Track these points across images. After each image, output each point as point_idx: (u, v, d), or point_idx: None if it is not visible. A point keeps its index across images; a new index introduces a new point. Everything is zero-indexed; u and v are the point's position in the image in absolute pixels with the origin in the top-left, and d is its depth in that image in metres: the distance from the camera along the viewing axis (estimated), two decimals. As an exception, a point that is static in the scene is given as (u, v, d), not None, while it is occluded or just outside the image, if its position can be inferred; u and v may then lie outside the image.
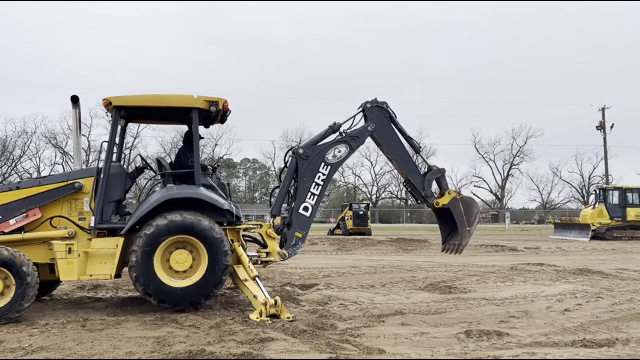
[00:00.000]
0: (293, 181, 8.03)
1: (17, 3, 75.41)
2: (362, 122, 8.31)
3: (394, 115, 8.33)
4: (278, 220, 8.49)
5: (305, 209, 7.85)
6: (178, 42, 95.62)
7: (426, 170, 8.47)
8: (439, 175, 8.43)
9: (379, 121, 8.22)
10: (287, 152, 8.23)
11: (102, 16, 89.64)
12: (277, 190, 8.17)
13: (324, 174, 7.94)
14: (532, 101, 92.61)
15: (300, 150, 7.94)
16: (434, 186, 8.41)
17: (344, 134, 8.15)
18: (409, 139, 8.43)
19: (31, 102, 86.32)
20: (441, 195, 8.34)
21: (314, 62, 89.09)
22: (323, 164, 7.94)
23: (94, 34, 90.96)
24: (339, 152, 8.03)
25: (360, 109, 8.33)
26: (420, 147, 8.59)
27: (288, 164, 8.07)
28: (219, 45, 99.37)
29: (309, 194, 7.86)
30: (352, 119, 8.29)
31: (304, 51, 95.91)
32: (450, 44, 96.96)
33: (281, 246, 7.73)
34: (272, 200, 8.37)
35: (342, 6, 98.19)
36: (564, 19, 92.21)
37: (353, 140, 8.13)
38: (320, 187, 7.91)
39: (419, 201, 8.65)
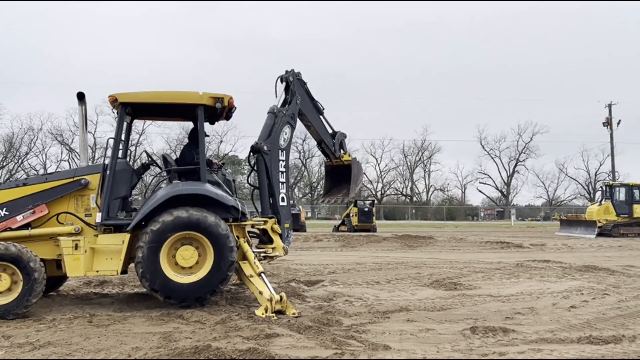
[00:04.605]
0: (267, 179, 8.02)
1: (19, 3, 75.83)
2: (284, 94, 8.45)
3: (305, 83, 8.59)
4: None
5: (283, 199, 8.05)
6: (178, 41, 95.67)
7: (332, 132, 9.06)
8: (343, 138, 9.20)
9: (302, 94, 8.47)
10: (249, 154, 8.10)
11: (102, 16, 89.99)
12: (255, 194, 8.24)
13: (283, 160, 8.14)
14: (538, 98, 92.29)
15: (265, 147, 7.95)
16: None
17: (280, 115, 8.23)
18: (314, 102, 8.75)
19: (37, 100, 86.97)
20: (345, 154, 9.15)
21: (314, 61, 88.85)
22: (279, 151, 8.09)
23: (94, 34, 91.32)
24: (286, 134, 8.22)
25: (285, 83, 8.43)
26: (323, 109, 8.96)
27: (257, 166, 8.01)
28: (219, 44, 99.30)
29: (280, 184, 8.04)
30: (283, 95, 8.40)
31: (304, 51, 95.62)
32: (454, 42, 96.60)
33: None
34: (254, 202, 8.27)
35: (343, 6, 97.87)
36: (569, 16, 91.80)
37: (292, 119, 8.34)
38: (284, 173, 8.10)
39: (328, 158, 9.25)
